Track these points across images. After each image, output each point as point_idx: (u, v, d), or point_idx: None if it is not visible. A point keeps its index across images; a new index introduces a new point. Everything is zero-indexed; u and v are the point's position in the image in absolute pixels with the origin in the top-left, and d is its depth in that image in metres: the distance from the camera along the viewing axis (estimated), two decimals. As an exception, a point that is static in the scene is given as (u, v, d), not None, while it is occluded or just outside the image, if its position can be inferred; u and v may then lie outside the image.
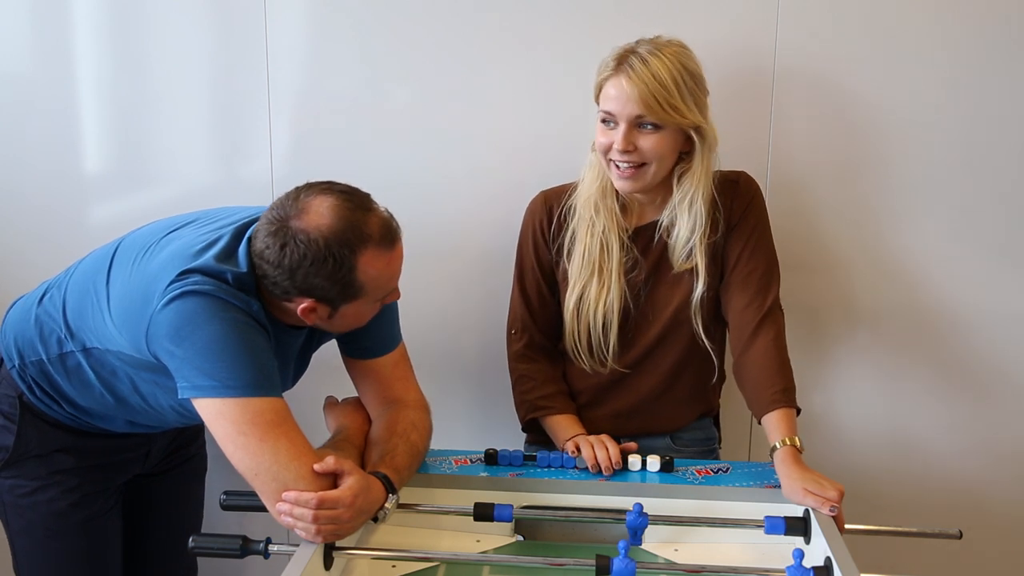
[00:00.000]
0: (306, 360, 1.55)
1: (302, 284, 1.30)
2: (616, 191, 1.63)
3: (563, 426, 1.67)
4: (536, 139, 1.84)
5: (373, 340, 1.51)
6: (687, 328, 1.65)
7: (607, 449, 1.54)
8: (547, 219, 1.69)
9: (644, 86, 1.49)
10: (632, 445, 1.58)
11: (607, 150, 1.55)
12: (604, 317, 1.64)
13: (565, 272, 1.67)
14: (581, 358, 1.68)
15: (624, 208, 1.65)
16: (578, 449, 1.56)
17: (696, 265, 1.61)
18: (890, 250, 1.85)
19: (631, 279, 1.65)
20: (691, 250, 1.61)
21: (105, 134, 1.94)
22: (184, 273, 1.30)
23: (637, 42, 1.54)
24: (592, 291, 1.64)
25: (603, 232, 1.62)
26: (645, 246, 1.66)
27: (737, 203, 1.63)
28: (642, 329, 1.67)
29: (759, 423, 1.56)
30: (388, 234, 1.33)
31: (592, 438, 1.58)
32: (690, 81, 1.52)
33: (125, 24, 1.87)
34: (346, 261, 1.29)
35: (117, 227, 1.60)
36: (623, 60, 1.52)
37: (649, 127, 1.52)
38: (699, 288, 1.62)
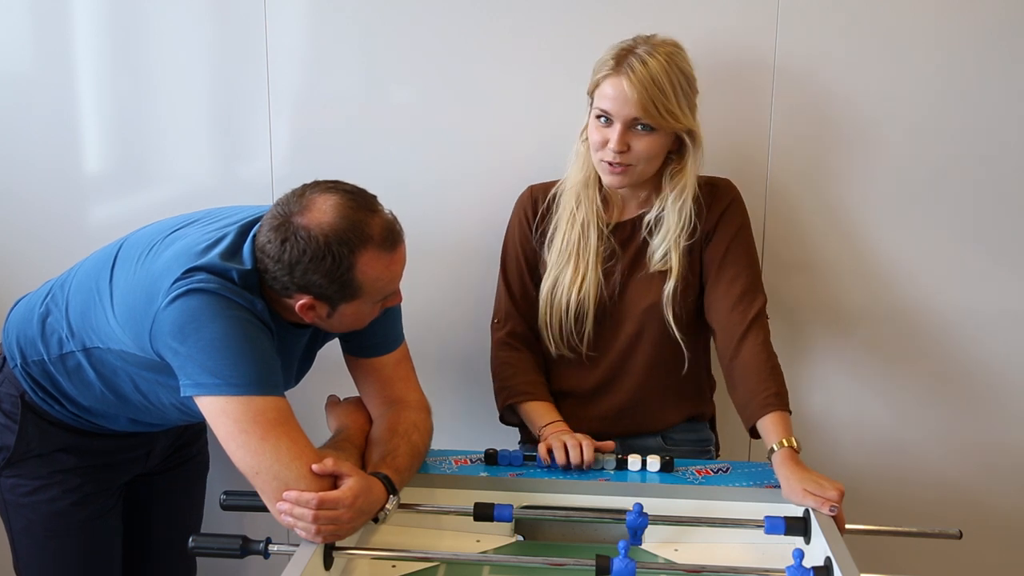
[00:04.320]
0: (310, 359, 1.55)
1: (300, 280, 1.31)
2: (600, 184, 1.65)
3: (539, 413, 1.66)
4: (536, 139, 1.84)
5: (375, 339, 1.51)
6: (659, 324, 1.66)
7: (580, 449, 1.52)
8: (532, 210, 1.71)
9: (643, 89, 1.51)
10: (609, 444, 1.57)
11: (600, 146, 1.57)
12: (578, 305, 1.65)
13: (546, 262, 1.69)
14: (552, 343, 1.69)
15: (606, 201, 1.67)
16: (549, 453, 1.54)
17: (670, 264, 1.63)
18: (888, 252, 1.85)
19: (607, 269, 1.66)
20: (667, 250, 1.62)
21: (105, 134, 1.94)
22: (189, 271, 1.30)
23: (635, 40, 1.56)
24: (567, 277, 1.65)
25: (583, 223, 1.65)
26: (624, 240, 1.67)
27: (714, 208, 1.65)
28: (619, 322, 1.68)
29: (748, 431, 1.56)
30: (390, 236, 1.33)
31: (566, 437, 1.56)
32: (684, 84, 1.54)
33: (125, 24, 1.87)
34: (345, 260, 1.29)
35: (117, 227, 1.60)
36: (622, 60, 1.53)
37: (643, 129, 1.54)
38: (671, 282, 1.63)
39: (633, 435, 1.74)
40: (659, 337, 1.67)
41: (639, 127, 1.54)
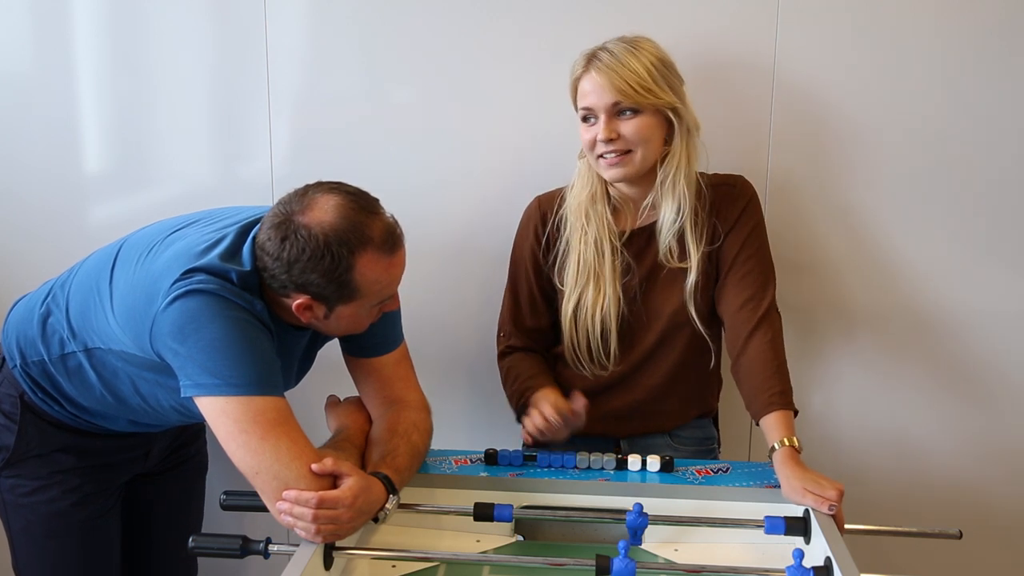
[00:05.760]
0: (310, 360, 1.55)
1: (298, 279, 1.31)
2: (607, 196, 1.65)
3: (539, 396, 1.64)
4: (536, 140, 1.84)
5: (375, 339, 1.51)
6: (685, 329, 1.66)
7: (543, 416, 1.56)
8: (542, 225, 1.70)
9: (615, 73, 1.52)
10: (578, 403, 1.60)
11: (592, 145, 1.58)
12: (602, 323, 1.65)
13: (561, 281, 1.68)
14: (582, 364, 1.69)
15: (616, 212, 1.66)
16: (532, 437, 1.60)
17: (689, 255, 1.62)
18: (889, 251, 1.85)
19: (625, 284, 1.66)
20: (682, 235, 1.61)
21: (105, 134, 1.94)
22: (188, 272, 1.30)
23: (604, 42, 1.58)
24: (589, 297, 1.65)
25: (595, 240, 1.64)
26: (638, 250, 1.66)
27: (733, 206, 1.65)
28: (640, 333, 1.68)
29: (757, 425, 1.56)
30: (390, 239, 1.33)
31: (532, 411, 1.59)
32: (661, 67, 1.55)
33: (125, 24, 1.87)
34: (343, 260, 1.29)
35: (117, 227, 1.60)
36: (591, 58, 1.56)
37: (628, 113, 1.55)
38: (691, 276, 1.62)
39: (641, 434, 1.74)
40: (684, 342, 1.67)
41: (624, 112, 1.54)
